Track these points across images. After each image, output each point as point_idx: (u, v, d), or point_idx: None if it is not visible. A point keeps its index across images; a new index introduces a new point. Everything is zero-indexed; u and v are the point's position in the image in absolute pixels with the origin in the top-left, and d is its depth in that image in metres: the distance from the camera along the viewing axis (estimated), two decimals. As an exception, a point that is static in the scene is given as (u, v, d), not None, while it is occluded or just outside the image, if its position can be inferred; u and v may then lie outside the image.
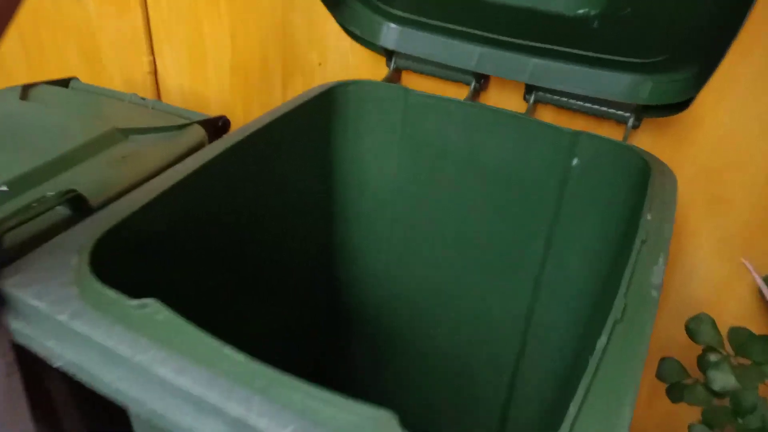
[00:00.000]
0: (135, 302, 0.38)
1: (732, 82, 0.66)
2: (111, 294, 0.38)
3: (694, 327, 0.71)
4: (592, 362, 0.36)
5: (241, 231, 0.64)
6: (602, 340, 0.38)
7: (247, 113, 1.06)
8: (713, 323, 0.71)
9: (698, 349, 0.71)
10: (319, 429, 0.31)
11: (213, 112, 1.05)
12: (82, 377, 0.38)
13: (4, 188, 0.56)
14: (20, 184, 0.57)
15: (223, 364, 0.34)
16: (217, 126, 0.80)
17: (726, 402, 0.69)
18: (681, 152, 0.72)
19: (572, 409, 0.33)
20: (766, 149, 0.68)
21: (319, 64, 0.94)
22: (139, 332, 0.37)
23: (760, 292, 0.74)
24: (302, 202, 0.75)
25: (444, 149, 0.75)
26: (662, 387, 0.74)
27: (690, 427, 0.70)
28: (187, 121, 0.77)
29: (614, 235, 0.65)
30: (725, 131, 0.69)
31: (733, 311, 0.78)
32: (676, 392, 0.74)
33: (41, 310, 0.39)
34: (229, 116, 0.84)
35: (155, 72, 1.10)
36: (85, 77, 0.97)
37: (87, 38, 1.16)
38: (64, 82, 0.88)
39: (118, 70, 1.15)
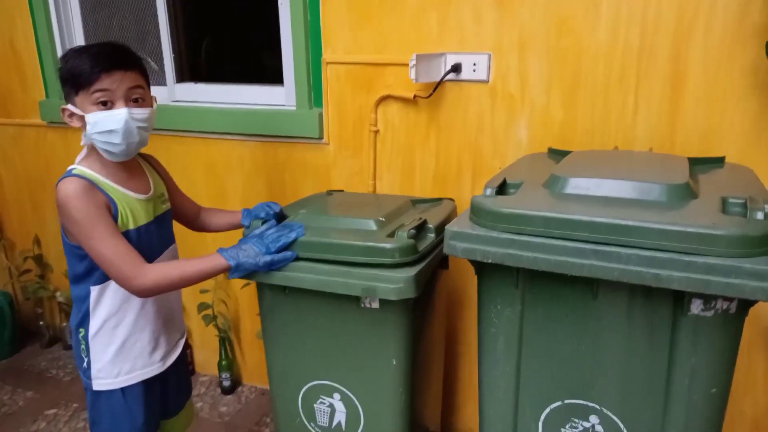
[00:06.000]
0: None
1: None
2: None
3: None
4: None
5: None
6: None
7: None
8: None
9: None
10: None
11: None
12: (490, 258, 0.84)
13: (383, 218, 1.06)
14: (387, 218, 1.08)
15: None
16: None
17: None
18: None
19: None
20: None
21: (499, 168, 1.45)
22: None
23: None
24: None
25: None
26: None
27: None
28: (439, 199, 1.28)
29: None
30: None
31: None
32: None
33: (469, 233, 0.86)
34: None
35: (374, 188, 1.64)
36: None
37: (323, 173, 1.72)
38: (331, 193, 1.43)
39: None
